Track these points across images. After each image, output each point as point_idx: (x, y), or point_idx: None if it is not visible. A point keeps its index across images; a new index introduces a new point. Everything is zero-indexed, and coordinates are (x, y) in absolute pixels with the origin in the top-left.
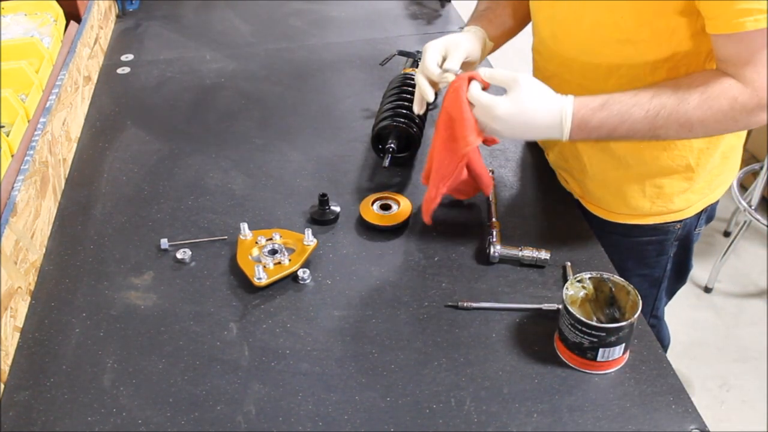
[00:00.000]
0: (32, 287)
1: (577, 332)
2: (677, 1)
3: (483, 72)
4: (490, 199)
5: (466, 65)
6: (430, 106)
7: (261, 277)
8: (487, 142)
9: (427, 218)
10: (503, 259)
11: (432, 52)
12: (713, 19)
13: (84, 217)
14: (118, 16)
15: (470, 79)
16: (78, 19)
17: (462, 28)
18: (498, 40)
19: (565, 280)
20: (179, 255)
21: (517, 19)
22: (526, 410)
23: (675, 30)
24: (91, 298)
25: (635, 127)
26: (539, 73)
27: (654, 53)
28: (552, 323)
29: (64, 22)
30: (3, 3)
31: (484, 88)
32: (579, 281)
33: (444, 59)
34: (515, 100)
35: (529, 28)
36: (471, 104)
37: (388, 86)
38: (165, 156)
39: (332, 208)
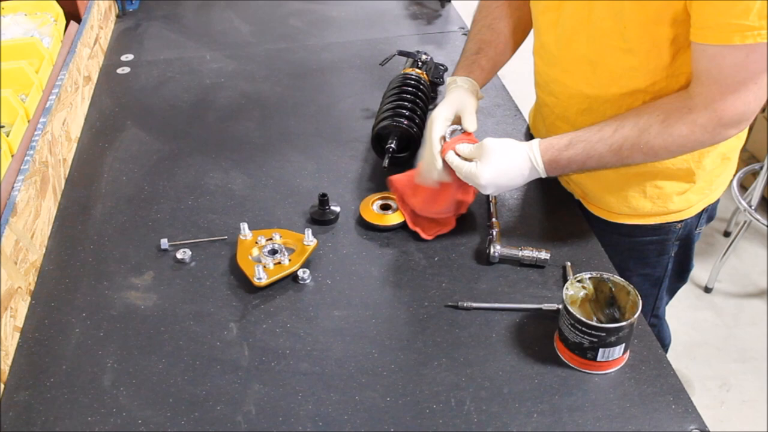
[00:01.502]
0: (32, 287)
1: (577, 332)
2: (677, 1)
3: (450, 157)
4: (490, 199)
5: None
6: (429, 107)
7: (261, 277)
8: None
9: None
10: (503, 259)
11: (439, 123)
12: (703, 29)
13: (84, 217)
14: (118, 16)
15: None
16: (78, 19)
17: (463, 28)
18: (490, 78)
19: (565, 280)
20: (179, 255)
21: (517, 43)
22: (526, 410)
23: (674, 39)
24: (91, 298)
25: (603, 159)
26: (540, 76)
27: (654, 62)
28: (552, 323)
29: (64, 22)
30: (3, 3)
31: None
32: (579, 281)
33: (451, 121)
34: (490, 165)
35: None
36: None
37: (388, 86)
38: (165, 156)
39: (332, 208)
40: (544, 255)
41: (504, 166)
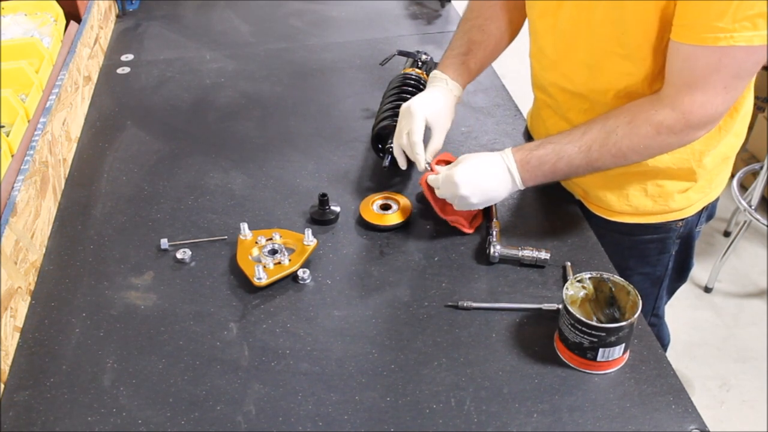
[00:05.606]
0: (32, 287)
1: (577, 332)
2: (671, 2)
3: (431, 178)
4: None
5: None
6: None
7: (261, 277)
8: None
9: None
10: (503, 259)
11: (419, 122)
12: (680, 27)
13: (84, 217)
14: (118, 16)
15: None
16: (78, 19)
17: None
18: (473, 79)
19: (565, 280)
20: (179, 255)
21: (506, 44)
22: (526, 410)
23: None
24: (91, 298)
25: (573, 162)
26: (537, 80)
27: (651, 67)
28: (552, 323)
29: (64, 22)
30: (3, 3)
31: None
32: (579, 281)
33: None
34: (465, 165)
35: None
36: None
37: (388, 86)
38: (165, 156)
39: (332, 208)
40: (544, 255)
41: (478, 167)
